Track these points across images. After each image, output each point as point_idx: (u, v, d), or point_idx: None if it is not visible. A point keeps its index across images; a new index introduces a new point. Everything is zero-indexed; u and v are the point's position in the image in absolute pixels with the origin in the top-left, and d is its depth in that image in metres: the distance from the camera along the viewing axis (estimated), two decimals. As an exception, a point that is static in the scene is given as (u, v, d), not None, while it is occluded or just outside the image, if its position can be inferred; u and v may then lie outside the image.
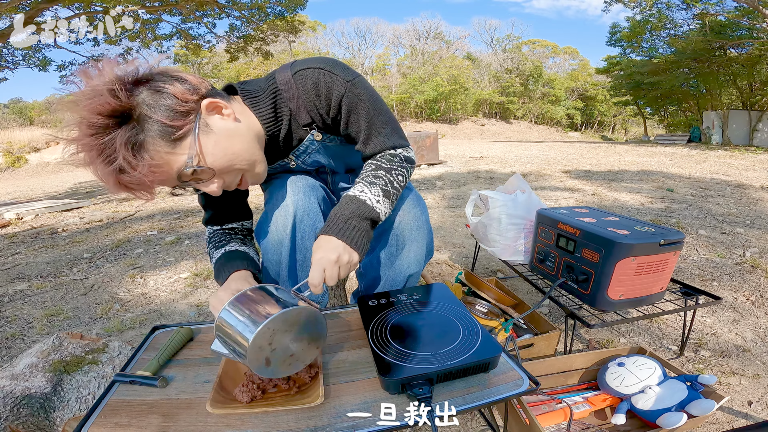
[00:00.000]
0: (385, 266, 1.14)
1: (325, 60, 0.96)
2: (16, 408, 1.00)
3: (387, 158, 0.99)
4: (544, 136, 35.24)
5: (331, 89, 0.94)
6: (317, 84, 0.94)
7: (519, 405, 1.05)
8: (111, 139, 0.69)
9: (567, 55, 45.69)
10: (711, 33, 15.16)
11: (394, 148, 1.01)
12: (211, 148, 0.79)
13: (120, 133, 0.69)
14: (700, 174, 6.08)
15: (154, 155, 0.72)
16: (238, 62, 12.01)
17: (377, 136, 0.99)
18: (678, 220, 3.31)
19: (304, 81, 0.94)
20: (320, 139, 1.05)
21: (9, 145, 14.68)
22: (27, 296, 2.29)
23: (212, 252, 1.07)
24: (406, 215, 1.09)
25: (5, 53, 8.64)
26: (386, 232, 1.12)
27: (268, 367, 0.69)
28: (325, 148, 1.10)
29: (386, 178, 0.95)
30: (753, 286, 2.05)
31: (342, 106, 0.95)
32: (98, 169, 0.72)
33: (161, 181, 0.77)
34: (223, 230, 1.13)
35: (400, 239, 1.10)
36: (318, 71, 0.93)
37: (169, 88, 0.73)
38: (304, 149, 1.08)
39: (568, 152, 11.01)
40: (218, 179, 0.83)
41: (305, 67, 0.94)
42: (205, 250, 2.98)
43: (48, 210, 4.98)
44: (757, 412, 1.20)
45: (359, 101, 0.95)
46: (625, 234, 1.26)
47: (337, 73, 0.94)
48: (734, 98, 19.94)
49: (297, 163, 1.14)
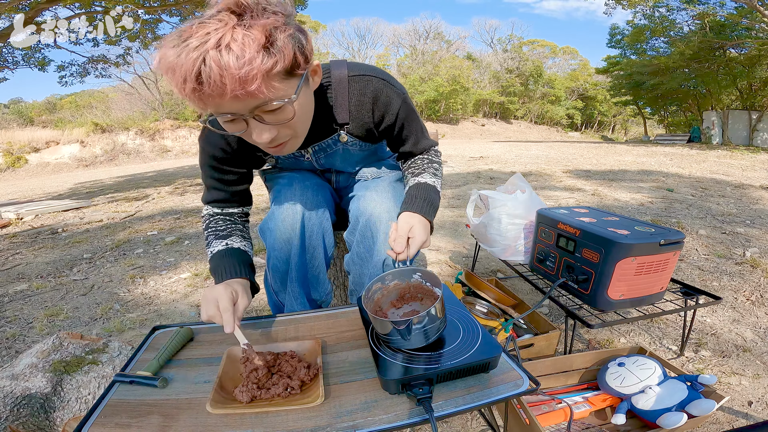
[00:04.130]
0: (366, 260, 1.14)
1: (382, 71, 1.06)
2: (16, 408, 1.00)
3: (433, 153, 1.22)
4: (544, 136, 35.24)
5: (390, 102, 1.06)
6: (377, 94, 1.04)
7: (519, 405, 1.05)
8: (247, 37, 0.66)
9: (567, 55, 45.70)
10: (710, 33, 15.17)
11: (435, 146, 1.24)
12: (300, 99, 0.80)
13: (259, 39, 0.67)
14: (700, 174, 6.08)
15: (266, 73, 0.69)
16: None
17: (424, 139, 1.19)
18: (678, 220, 3.31)
19: (364, 87, 1.03)
20: (345, 140, 1.11)
21: (9, 145, 14.66)
22: (27, 296, 2.29)
23: (211, 241, 1.07)
24: (377, 207, 1.11)
25: (5, 53, 8.65)
26: (360, 224, 1.13)
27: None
28: (343, 149, 1.14)
29: (438, 168, 1.21)
30: (753, 285, 2.05)
31: (398, 117, 1.09)
32: (211, 55, 0.64)
33: (245, 95, 0.68)
34: (223, 215, 1.12)
35: (373, 230, 1.10)
36: (380, 81, 1.04)
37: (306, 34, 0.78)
38: (325, 146, 1.12)
39: (568, 152, 11.02)
40: (279, 129, 0.81)
41: (365, 74, 1.03)
42: (203, 245, 2.98)
43: (48, 210, 4.98)
44: (758, 412, 1.20)
45: (410, 112, 1.11)
46: (625, 234, 1.26)
47: (395, 86, 1.06)
48: (734, 98, 19.95)
49: (312, 159, 1.16)
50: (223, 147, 1.03)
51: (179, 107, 28.13)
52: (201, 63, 0.64)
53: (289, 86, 0.75)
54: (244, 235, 1.12)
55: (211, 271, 1.01)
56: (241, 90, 0.66)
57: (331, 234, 1.19)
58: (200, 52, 0.64)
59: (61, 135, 16.26)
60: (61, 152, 15.48)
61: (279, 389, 0.74)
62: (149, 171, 11.30)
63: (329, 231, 1.17)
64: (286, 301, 1.16)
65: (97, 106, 31.41)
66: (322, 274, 1.19)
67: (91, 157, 15.96)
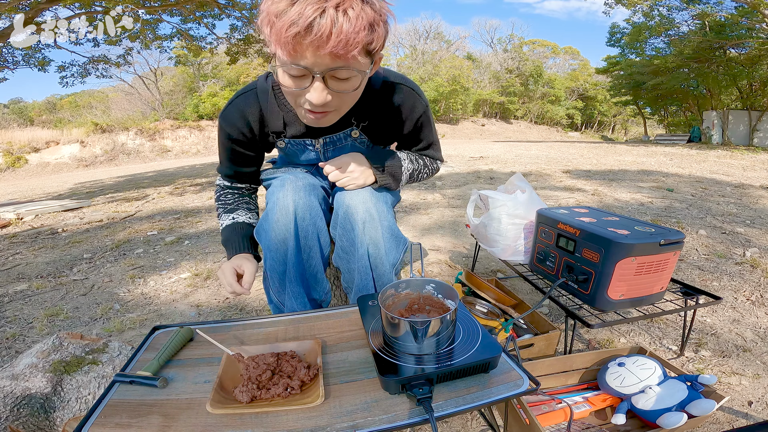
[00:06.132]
0: (350, 253, 1.16)
1: (413, 82, 1.17)
2: (16, 408, 1.00)
3: (430, 160, 1.33)
4: (544, 136, 35.24)
5: (415, 108, 1.16)
6: (406, 100, 1.14)
7: (519, 405, 1.05)
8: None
9: (567, 55, 45.68)
10: (711, 33, 15.17)
11: (440, 161, 1.39)
12: (365, 78, 0.92)
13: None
14: (700, 174, 6.09)
15: (363, 47, 0.81)
16: (237, 63, 11.99)
17: (435, 149, 1.33)
18: (678, 219, 3.31)
19: (395, 94, 1.13)
20: (356, 136, 1.18)
21: (9, 145, 14.66)
22: (27, 296, 2.29)
23: (221, 213, 1.28)
24: (354, 197, 1.14)
25: (5, 53, 8.64)
26: (340, 217, 1.15)
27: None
28: (352, 145, 1.21)
29: (423, 165, 1.30)
30: (753, 285, 2.05)
31: (419, 121, 1.20)
32: (330, 12, 0.74)
33: (337, 56, 0.79)
34: (232, 189, 1.30)
35: (351, 221, 1.13)
36: (410, 91, 1.14)
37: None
38: (336, 140, 1.18)
39: (568, 152, 11.02)
40: (334, 97, 0.90)
41: (399, 82, 1.13)
42: (205, 248, 2.99)
43: (48, 210, 4.98)
44: (758, 412, 1.20)
45: (429, 121, 1.23)
46: (625, 234, 1.26)
47: (422, 96, 1.17)
48: (734, 98, 19.94)
49: (320, 150, 1.20)
50: (240, 128, 1.14)
51: (179, 107, 28.16)
52: (318, 14, 0.73)
53: (364, 63, 0.86)
54: (250, 207, 1.30)
55: (222, 243, 1.23)
56: (340, 50, 0.77)
57: (326, 233, 1.20)
58: (321, 6, 0.73)
59: (61, 135, 16.27)
60: (61, 152, 15.49)
61: (279, 389, 0.74)
62: (149, 171, 11.30)
63: (324, 230, 1.18)
64: (285, 301, 1.16)
65: (97, 106, 31.45)
66: (320, 273, 1.19)
67: (91, 157, 15.96)
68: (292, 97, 0.93)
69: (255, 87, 1.13)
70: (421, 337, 0.77)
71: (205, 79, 29.92)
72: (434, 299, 0.90)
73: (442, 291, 0.90)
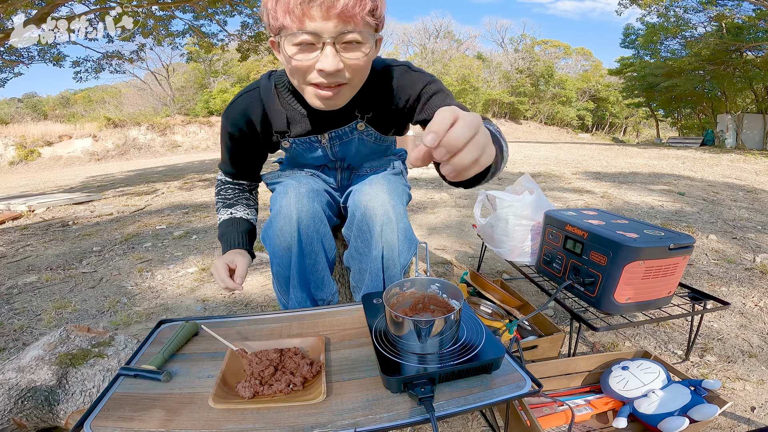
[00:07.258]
0: (364, 254, 1.15)
1: (405, 61, 1.12)
2: (20, 400, 1.02)
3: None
4: (554, 137, 34.96)
5: (414, 83, 1.08)
6: (402, 77, 1.08)
7: (520, 406, 1.05)
8: None
9: (579, 56, 45.25)
10: (728, 35, 14.95)
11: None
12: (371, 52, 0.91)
13: None
14: (713, 178, 6.01)
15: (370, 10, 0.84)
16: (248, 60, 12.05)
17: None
18: (688, 224, 3.28)
19: (393, 75, 1.08)
20: (362, 129, 1.15)
21: (23, 138, 14.87)
22: (36, 288, 2.32)
23: (220, 208, 1.29)
24: (372, 200, 1.10)
25: (21, 48, 8.75)
26: (356, 219, 1.13)
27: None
28: (359, 139, 1.18)
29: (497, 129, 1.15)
30: (762, 291, 2.03)
31: (423, 92, 1.07)
32: None
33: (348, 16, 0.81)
34: (232, 184, 1.30)
35: (369, 223, 1.10)
36: (404, 67, 1.09)
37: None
38: (342, 134, 1.16)
39: (578, 154, 10.93)
40: (345, 65, 0.88)
41: (389, 65, 1.09)
42: (212, 243, 3.01)
43: (59, 203, 5.04)
44: (760, 418, 1.19)
45: (441, 90, 1.08)
46: (633, 237, 1.25)
47: (417, 70, 1.10)
48: (749, 101, 19.64)
49: (327, 146, 1.19)
50: (242, 127, 1.14)
51: (190, 103, 28.34)
52: None
53: (371, 28, 0.88)
54: (249, 203, 1.31)
55: (218, 238, 1.24)
56: (349, 9, 0.79)
57: (331, 237, 1.19)
58: None
59: (74, 129, 16.46)
60: (73, 146, 15.67)
61: (281, 385, 0.75)
62: (159, 166, 11.40)
63: (328, 235, 1.17)
64: (290, 305, 1.18)
65: (110, 101, 31.80)
66: (326, 276, 1.19)
67: (102, 151, 16.12)
68: (300, 73, 0.90)
69: (258, 86, 1.13)
70: (425, 336, 0.77)
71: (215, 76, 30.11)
72: (439, 299, 0.90)
73: (446, 291, 0.90)
